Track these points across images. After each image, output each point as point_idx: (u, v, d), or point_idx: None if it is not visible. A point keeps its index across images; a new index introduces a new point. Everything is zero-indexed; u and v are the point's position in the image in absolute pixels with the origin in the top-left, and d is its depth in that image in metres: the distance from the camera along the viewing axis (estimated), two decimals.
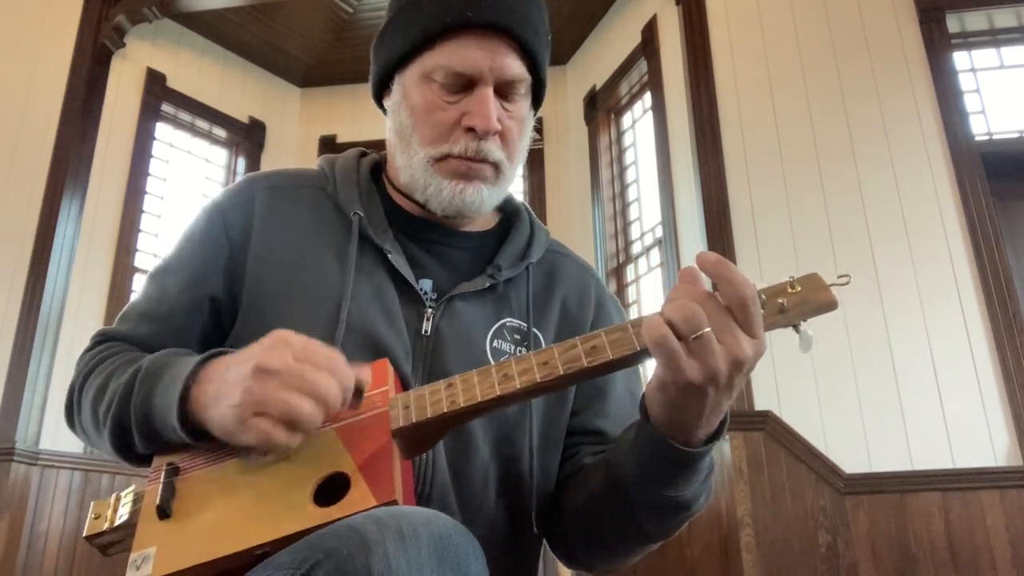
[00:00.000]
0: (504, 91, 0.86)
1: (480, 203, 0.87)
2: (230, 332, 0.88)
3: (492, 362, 0.84)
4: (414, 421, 0.68)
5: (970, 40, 3.51)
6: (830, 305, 0.67)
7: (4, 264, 3.41)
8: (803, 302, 0.66)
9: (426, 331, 0.85)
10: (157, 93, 4.29)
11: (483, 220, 0.98)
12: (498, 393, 0.67)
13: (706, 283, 0.65)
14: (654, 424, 0.71)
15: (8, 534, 3.07)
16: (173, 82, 4.38)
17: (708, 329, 0.61)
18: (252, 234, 0.88)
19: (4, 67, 3.67)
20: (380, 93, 0.95)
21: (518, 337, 0.90)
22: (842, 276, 0.68)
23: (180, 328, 0.87)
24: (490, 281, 0.89)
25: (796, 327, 0.67)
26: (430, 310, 0.86)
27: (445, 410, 0.68)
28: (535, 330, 0.91)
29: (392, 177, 0.95)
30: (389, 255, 0.86)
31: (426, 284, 0.89)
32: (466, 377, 0.69)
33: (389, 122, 0.92)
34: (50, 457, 3.27)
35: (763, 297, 0.66)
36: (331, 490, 0.64)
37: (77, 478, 3.36)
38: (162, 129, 4.36)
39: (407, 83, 0.88)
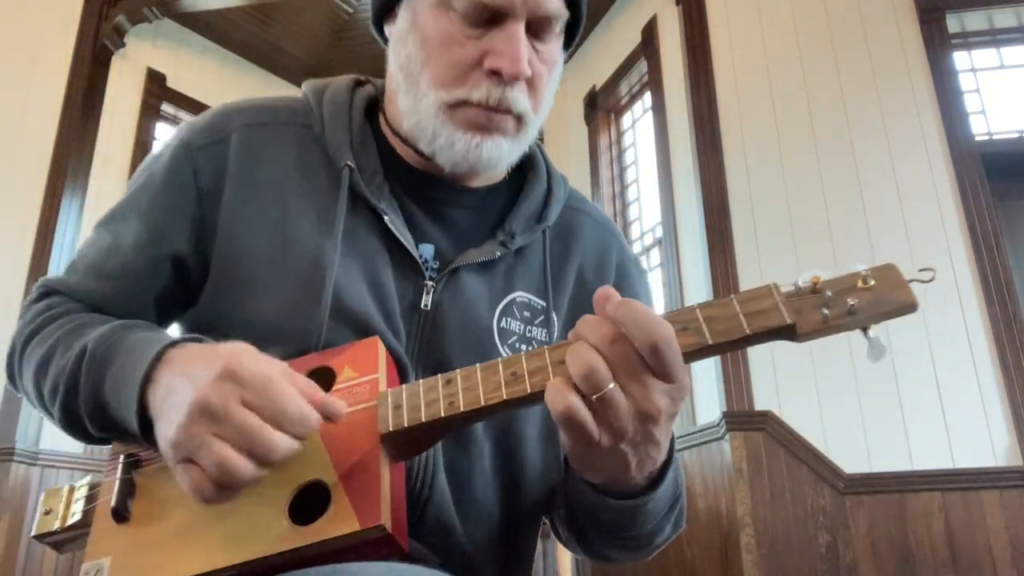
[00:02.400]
0: (536, 28, 0.72)
1: (498, 160, 0.74)
2: (199, 297, 0.76)
3: (499, 344, 0.75)
4: (406, 425, 0.59)
5: (970, 40, 3.51)
6: (909, 307, 0.56)
7: (4, 264, 3.41)
8: (877, 302, 0.56)
9: (426, 305, 0.74)
10: (157, 93, 4.29)
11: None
12: (504, 397, 0.58)
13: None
14: (581, 479, 0.64)
15: (8, 534, 3.07)
16: (173, 82, 4.38)
17: (612, 385, 0.53)
18: (226, 182, 0.75)
19: (4, 67, 3.66)
20: (381, 17, 0.80)
21: (528, 315, 0.78)
22: (924, 270, 0.57)
23: (134, 294, 0.76)
24: (501, 250, 0.77)
25: (865, 331, 0.57)
26: (431, 283, 0.75)
27: (442, 413, 0.59)
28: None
29: (391, 118, 0.81)
30: (385, 217, 0.74)
31: (426, 251, 0.77)
32: (468, 373, 0.60)
33: (391, 55, 0.78)
34: (50, 457, 3.27)
35: (829, 294, 0.56)
36: (309, 500, 0.58)
37: (77, 478, 3.35)
38: (162, 129, 4.34)
39: (419, 7, 0.74)
